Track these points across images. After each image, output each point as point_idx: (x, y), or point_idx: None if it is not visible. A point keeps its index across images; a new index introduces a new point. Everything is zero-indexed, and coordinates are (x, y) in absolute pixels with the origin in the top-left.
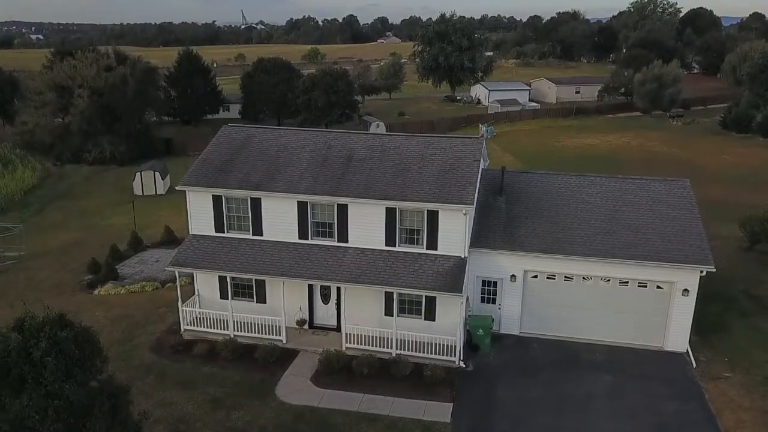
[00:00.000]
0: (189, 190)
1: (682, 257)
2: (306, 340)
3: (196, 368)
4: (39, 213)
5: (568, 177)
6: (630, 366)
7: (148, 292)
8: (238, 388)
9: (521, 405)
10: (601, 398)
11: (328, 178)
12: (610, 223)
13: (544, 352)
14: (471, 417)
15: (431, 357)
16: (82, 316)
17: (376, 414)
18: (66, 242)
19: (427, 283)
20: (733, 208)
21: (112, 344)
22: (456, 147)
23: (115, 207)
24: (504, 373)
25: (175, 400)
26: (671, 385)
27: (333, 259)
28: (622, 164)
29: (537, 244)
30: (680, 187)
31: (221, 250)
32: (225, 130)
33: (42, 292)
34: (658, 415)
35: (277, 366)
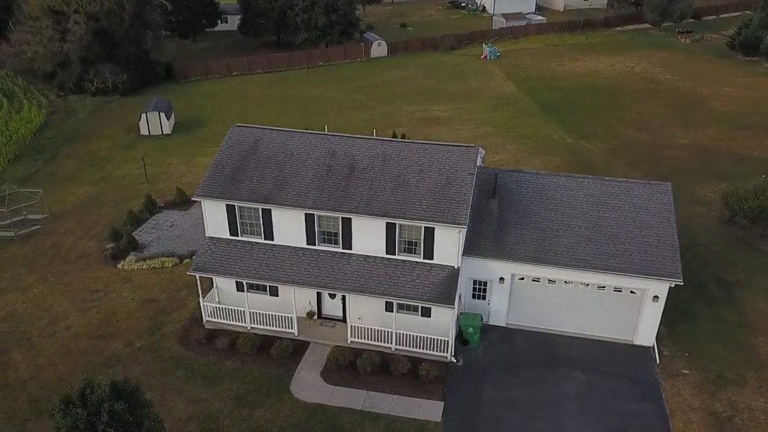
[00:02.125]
0: (204, 200)
1: (655, 270)
2: (315, 332)
3: (219, 363)
4: (53, 160)
5: (557, 178)
6: (602, 362)
7: (168, 268)
8: (257, 383)
9: (503, 406)
10: (573, 399)
11: (333, 191)
12: (593, 231)
13: (527, 345)
14: (459, 417)
15: (426, 352)
16: (112, 298)
17: (377, 413)
18: (83, 198)
19: (423, 294)
20: (725, 158)
21: (143, 333)
22: (453, 157)
23: (124, 152)
24: (490, 370)
25: (204, 396)
26: (634, 384)
27: (338, 266)
28: (624, 98)
29: (524, 252)
30: (661, 192)
31: (236, 255)
32: (234, 131)
33: (69, 263)
34: (619, 416)
35: (291, 361)
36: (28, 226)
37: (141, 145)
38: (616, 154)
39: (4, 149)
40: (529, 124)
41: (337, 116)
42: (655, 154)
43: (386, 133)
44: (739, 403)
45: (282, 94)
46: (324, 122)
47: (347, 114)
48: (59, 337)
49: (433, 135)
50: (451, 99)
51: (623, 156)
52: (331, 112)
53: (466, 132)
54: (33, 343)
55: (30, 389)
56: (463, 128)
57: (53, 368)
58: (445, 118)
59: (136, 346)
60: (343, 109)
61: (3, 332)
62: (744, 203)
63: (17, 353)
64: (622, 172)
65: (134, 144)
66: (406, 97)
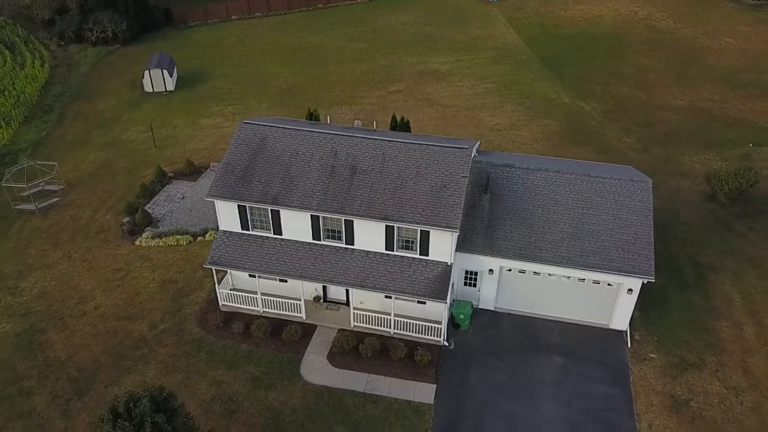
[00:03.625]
0: (216, 200)
1: (630, 268)
2: (321, 316)
3: (235, 346)
4: (61, 121)
5: (546, 173)
6: (578, 346)
7: (183, 246)
8: (271, 366)
9: (488, 389)
10: (549, 383)
11: (336, 193)
12: (576, 228)
13: (512, 329)
14: (449, 399)
15: (422, 337)
16: (133, 278)
17: (378, 396)
18: (94, 166)
19: (419, 290)
20: (717, 123)
21: (165, 316)
22: (448, 159)
23: (130, 112)
24: (478, 354)
25: (224, 378)
26: (606, 368)
27: (342, 261)
28: (624, 50)
29: (512, 249)
30: (642, 190)
31: (248, 249)
32: (242, 129)
33: (89, 238)
34: (589, 400)
35: (300, 344)
36: (47, 198)
37: (146, 103)
38: (611, 116)
39: (13, 112)
40: (528, 80)
41: (338, 68)
42: (649, 117)
43: (388, 89)
44: (696, 386)
45: (282, 43)
46: (324, 76)
47: (347, 66)
48: (89, 317)
49: (433, 93)
50: (452, 49)
51: (618, 119)
52: (332, 63)
53: (466, 90)
54: (66, 323)
55: (69, 369)
56: (463, 85)
57: (87, 349)
58: (446, 72)
59: (159, 329)
60: (343, 60)
61: (38, 311)
62: (725, 185)
63: (53, 333)
64: (616, 137)
65: (139, 102)
66: (407, 47)
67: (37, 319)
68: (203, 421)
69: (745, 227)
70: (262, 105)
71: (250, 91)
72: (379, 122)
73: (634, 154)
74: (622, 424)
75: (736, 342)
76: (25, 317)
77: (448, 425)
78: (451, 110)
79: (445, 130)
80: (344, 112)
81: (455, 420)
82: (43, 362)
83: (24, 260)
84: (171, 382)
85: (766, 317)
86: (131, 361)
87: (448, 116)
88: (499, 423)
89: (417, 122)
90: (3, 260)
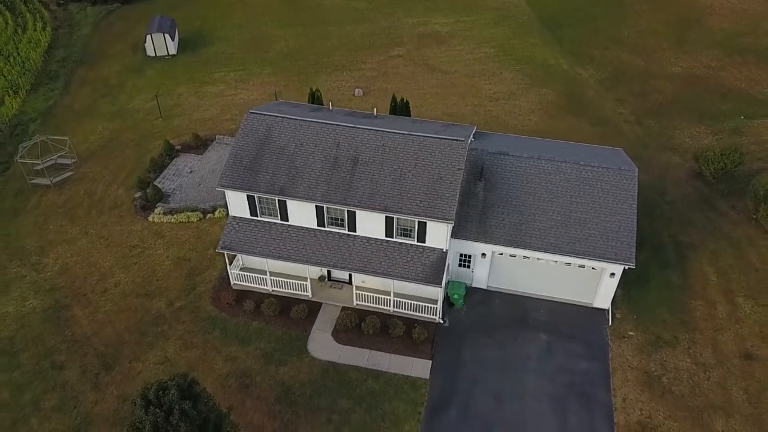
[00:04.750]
0: (226, 190)
1: (612, 255)
2: (326, 294)
3: (247, 323)
4: (67, 89)
5: (538, 161)
6: (563, 324)
7: (194, 223)
8: (280, 343)
9: (478, 365)
10: (535, 359)
11: (339, 184)
12: (565, 216)
13: (503, 308)
14: (443, 375)
15: (419, 315)
16: (149, 255)
17: (378, 370)
18: (103, 137)
19: (416, 275)
20: (711, 93)
21: (180, 293)
22: (444, 152)
23: (134, 78)
24: (470, 331)
25: (238, 354)
26: (587, 346)
27: (345, 247)
28: (625, 10)
29: (503, 236)
30: (628, 178)
31: (257, 234)
32: (248, 120)
33: (104, 214)
34: (570, 375)
35: (307, 321)
36: (61, 172)
37: (149, 69)
38: (607, 85)
39: (20, 80)
40: (527, 45)
41: (338, 29)
42: (645, 86)
43: (388, 53)
44: (669, 363)
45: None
46: (325, 39)
47: (348, 27)
48: (110, 294)
49: (433, 58)
50: (453, 9)
51: (614, 89)
52: (332, 24)
53: (465, 54)
54: (89, 299)
55: (95, 345)
56: (463, 49)
57: (111, 326)
58: (446, 35)
59: (176, 306)
60: (343, 21)
61: (62, 287)
62: (710, 165)
63: (78, 309)
64: (611, 108)
65: (142, 67)
66: (407, 6)
67: (61, 295)
68: (221, 396)
69: (727, 206)
70: (264, 71)
71: (252, 55)
72: (378, 90)
73: (627, 127)
74: (599, 398)
75: (708, 320)
76: (50, 293)
77: (441, 399)
78: (451, 77)
79: (445, 100)
80: (345, 79)
81: (448, 394)
82: (71, 337)
83: (44, 236)
84: (190, 357)
85: (738, 296)
86: (152, 337)
87: (447, 84)
88: (487, 397)
89: (417, 90)
90: (25, 236)
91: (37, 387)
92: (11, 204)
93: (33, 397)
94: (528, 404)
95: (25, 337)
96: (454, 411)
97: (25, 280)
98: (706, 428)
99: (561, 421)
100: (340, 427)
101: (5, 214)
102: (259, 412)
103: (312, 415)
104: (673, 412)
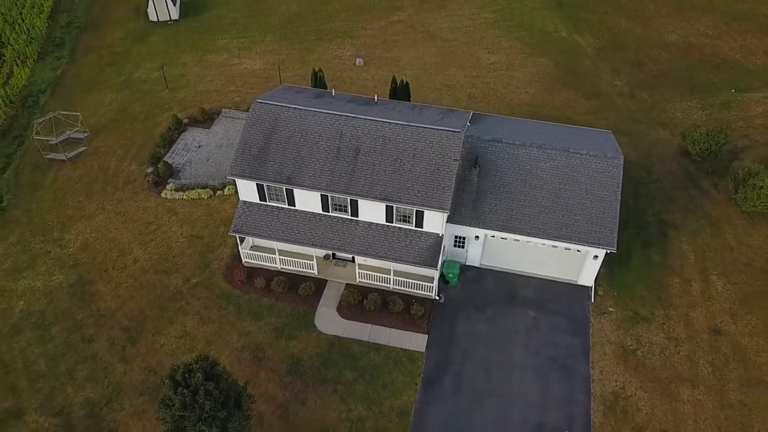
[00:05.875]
0: (237, 178)
1: (596, 240)
2: (331, 272)
3: (259, 299)
4: (73, 57)
5: (530, 149)
6: (549, 300)
7: (204, 200)
8: (290, 318)
9: (471, 339)
10: (523, 334)
11: (342, 174)
12: (553, 202)
13: (494, 284)
14: (438, 348)
15: (417, 292)
16: (164, 232)
17: (379, 344)
18: (112, 110)
19: (414, 259)
20: (705, 64)
21: (196, 270)
22: (441, 142)
23: (139, 45)
24: (464, 307)
25: (251, 329)
26: (570, 321)
27: (348, 231)
28: None
29: (496, 221)
30: (614, 166)
31: (266, 219)
32: (256, 109)
33: (119, 189)
34: (553, 348)
35: (314, 298)
36: (75, 147)
37: (152, 35)
38: (604, 54)
39: (27, 49)
40: (527, 10)
41: None
42: (640, 56)
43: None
44: (644, 337)
45: None
46: (326, 2)
47: None
48: (130, 270)
49: (434, 24)
50: None
51: (611, 58)
52: None
53: (465, 20)
54: (111, 275)
55: (120, 319)
56: (463, 14)
57: (133, 301)
58: None
59: (192, 283)
60: None
61: (85, 263)
62: (696, 145)
63: (101, 285)
64: (606, 79)
65: (146, 33)
66: None
67: (84, 271)
68: (237, 368)
69: (710, 184)
70: (266, 38)
71: (254, 20)
72: (379, 60)
73: (620, 101)
74: (579, 370)
75: (683, 297)
76: (74, 269)
77: (436, 370)
78: (451, 45)
79: (445, 71)
80: (346, 47)
81: (442, 366)
82: (96, 312)
83: (64, 211)
84: (207, 331)
85: (712, 274)
86: (172, 312)
87: (447, 53)
88: (477, 369)
89: (417, 60)
90: (45, 211)
91: (70, 359)
92: (29, 178)
93: (67, 368)
94: (515, 376)
95: (55, 311)
96: (447, 382)
97: (49, 255)
98: (673, 398)
99: (543, 392)
100: (345, 397)
101: (25, 189)
102: (272, 383)
103: (320, 385)
104: (645, 384)
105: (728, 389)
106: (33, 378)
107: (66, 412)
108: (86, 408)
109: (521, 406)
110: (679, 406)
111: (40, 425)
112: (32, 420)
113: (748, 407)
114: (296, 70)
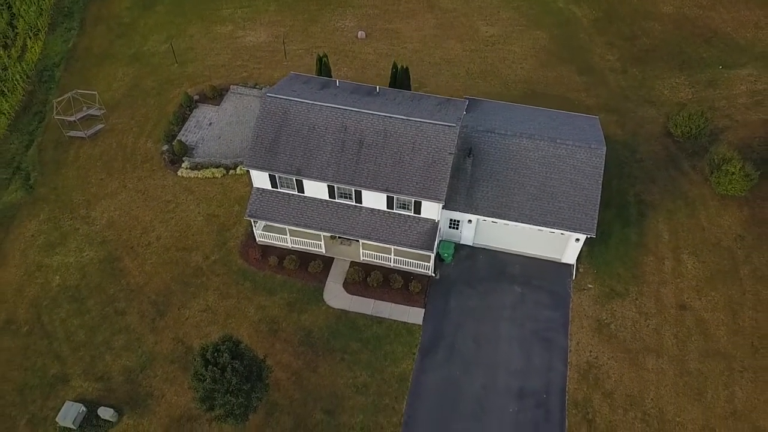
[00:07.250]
0: (251, 169)
1: (578, 226)
2: (337, 250)
3: (272, 276)
4: (83, 29)
5: (520, 139)
6: (535, 277)
7: (218, 179)
8: (301, 293)
9: (462, 313)
10: (509, 308)
11: (347, 166)
12: (539, 189)
13: (485, 262)
14: (433, 321)
15: (415, 269)
16: (182, 210)
17: (381, 318)
18: (124, 85)
19: (413, 242)
20: (697, 37)
21: (214, 248)
22: (438, 137)
23: (146, 16)
24: (457, 283)
25: (266, 304)
26: (552, 296)
27: (352, 217)
28: None
29: (487, 208)
30: (597, 156)
31: (278, 204)
32: (266, 102)
33: (137, 167)
34: (536, 322)
35: (323, 274)
36: (93, 124)
37: (158, 4)
38: (599, 26)
39: (39, 21)
40: None
41: None
42: (634, 29)
43: None
44: (618, 312)
45: None
46: None
47: None
48: (154, 247)
49: None
50: None
51: (605, 31)
52: None
53: None
54: (137, 252)
55: (148, 293)
56: None
57: (159, 277)
58: None
59: (211, 260)
60: None
61: (111, 240)
62: (678, 128)
63: (128, 261)
64: (599, 54)
65: (152, 2)
66: None
67: (112, 248)
68: (255, 339)
69: (689, 165)
70: (270, 8)
71: None
72: (380, 32)
73: (612, 77)
74: (558, 342)
75: (655, 275)
76: (102, 245)
77: (431, 341)
78: (450, 16)
79: (444, 44)
80: (348, 17)
81: (437, 338)
82: (126, 287)
83: (88, 189)
84: (227, 306)
85: (683, 253)
86: (194, 288)
87: (446, 25)
88: (468, 340)
89: (417, 32)
90: (71, 189)
91: (106, 330)
92: (52, 156)
93: (104, 338)
94: (501, 347)
95: (89, 285)
96: (441, 352)
97: (78, 232)
98: (640, 367)
99: (526, 362)
100: (351, 365)
101: (49, 166)
102: (286, 353)
103: (329, 355)
104: (615, 354)
105: (688, 359)
106: (74, 347)
107: (106, 378)
108: (124, 374)
109: (505, 373)
110: (644, 374)
111: (85, 389)
112: (78, 385)
113: (704, 375)
114: (300, 44)
